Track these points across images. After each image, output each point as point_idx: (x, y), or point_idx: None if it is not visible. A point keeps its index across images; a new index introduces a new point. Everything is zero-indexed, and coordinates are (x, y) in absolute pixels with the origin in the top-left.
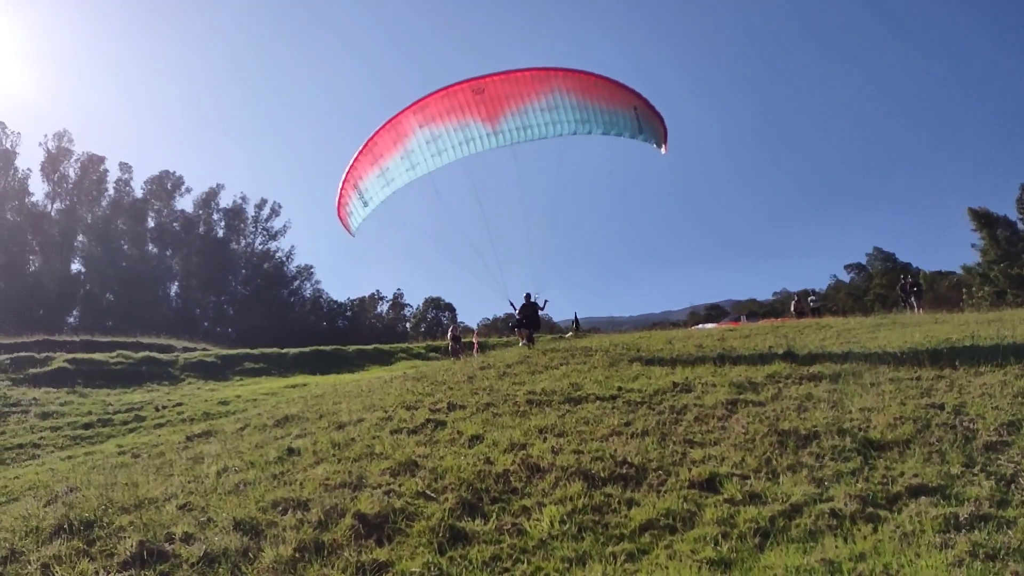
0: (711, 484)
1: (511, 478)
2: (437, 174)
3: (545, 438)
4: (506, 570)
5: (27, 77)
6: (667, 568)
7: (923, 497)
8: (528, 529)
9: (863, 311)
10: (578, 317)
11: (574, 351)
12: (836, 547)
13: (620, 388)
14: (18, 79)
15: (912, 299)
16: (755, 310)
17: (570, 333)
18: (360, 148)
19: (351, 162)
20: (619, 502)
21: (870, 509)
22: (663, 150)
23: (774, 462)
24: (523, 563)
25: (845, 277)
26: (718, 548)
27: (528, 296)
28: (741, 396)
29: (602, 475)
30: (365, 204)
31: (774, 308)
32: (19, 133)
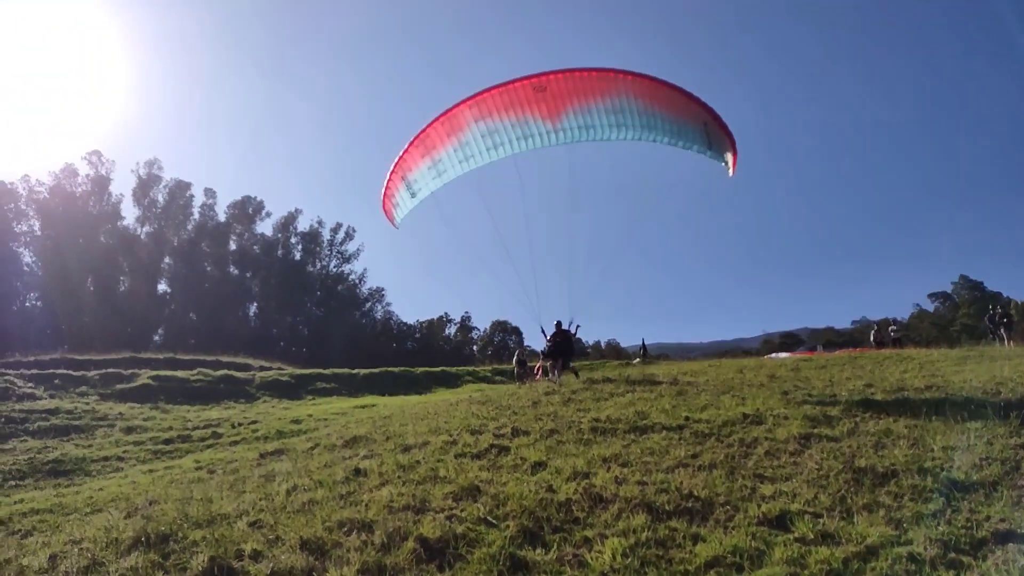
0: (781, 522)
1: (573, 507)
2: (488, 183)
3: (609, 467)
4: None
5: (121, 106)
6: None
7: (1011, 544)
8: (590, 561)
9: (948, 343)
10: (646, 343)
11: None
12: None
13: (688, 418)
14: (113, 109)
15: (1001, 330)
16: (832, 339)
17: (638, 359)
18: (411, 140)
19: (400, 154)
20: (684, 537)
21: (952, 555)
22: (731, 172)
23: (849, 501)
24: None
25: (929, 306)
26: None
27: (559, 324)
28: (815, 430)
29: (667, 508)
30: (413, 195)
31: (852, 337)
32: (113, 160)
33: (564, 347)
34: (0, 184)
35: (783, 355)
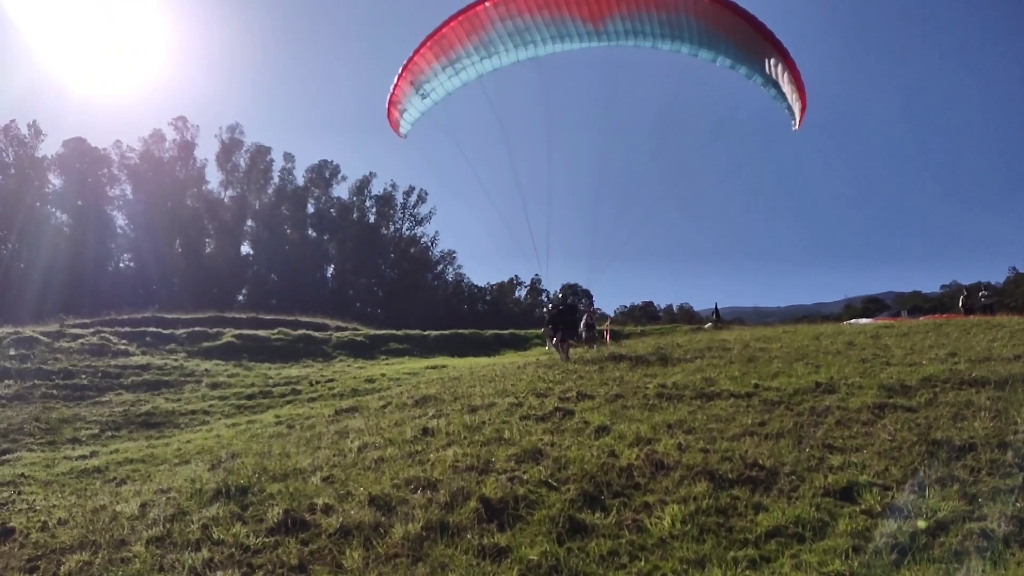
0: (848, 493)
1: (634, 473)
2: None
3: (673, 434)
4: (623, 566)
5: (205, 74)
6: None
7: None
8: (648, 526)
9: None
10: (719, 308)
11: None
12: (983, 571)
13: (757, 385)
14: (197, 76)
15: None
16: (919, 305)
17: (709, 324)
18: (423, 41)
19: (410, 55)
20: (746, 506)
21: None
22: (796, 124)
23: (921, 473)
24: (641, 560)
25: None
26: (849, 562)
27: (565, 297)
28: (891, 400)
29: (729, 476)
30: (424, 96)
31: (941, 303)
32: (198, 126)
33: (568, 320)
34: (94, 150)
35: (864, 321)
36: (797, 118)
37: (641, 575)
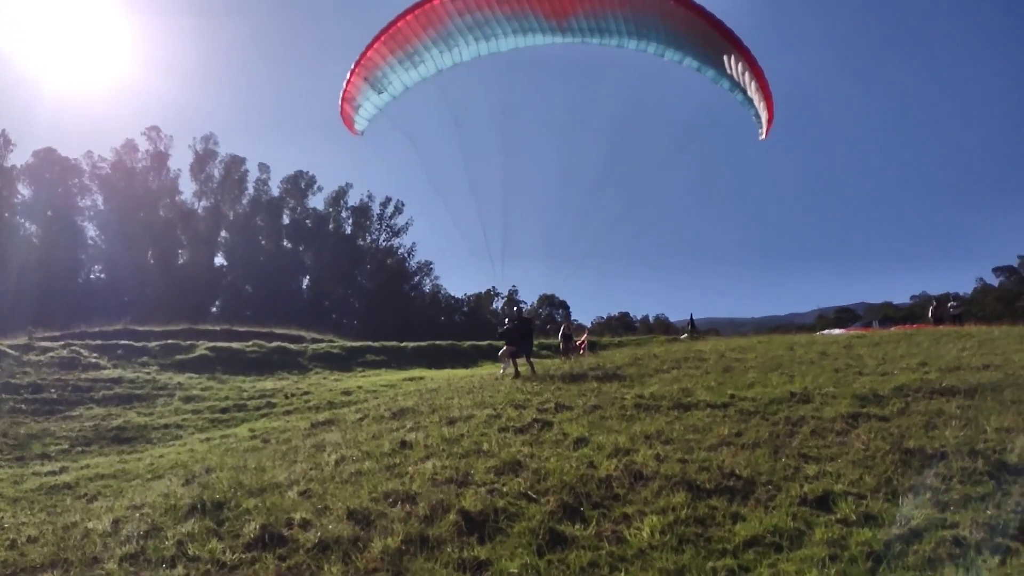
0: (824, 502)
1: (614, 484)
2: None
3: (651, 444)
4: None
5: (177, 83)
6: None
7: None
8: (628, 537)
9: (1012, 319)
10: (694, 318)
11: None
12: None
13: (733, 396)
14: (170, 86)
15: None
16: (890, 315)
17: (685, 335)
18: (376, 35)
19: (363, 50)
20: (724, 515)
21: (999, 539)
22: (763, 134)
23: (895, 482)
24: (620, 572)
25: (993, 281)
26: (825, 571)
27: (520, 311)
28: (864, 410)
29: (707, 486)
30: (380, 92)
31: (912, 313)
32: (171, 136)
33: (523, 334)
34: (64, 160)
35: (836, 331)
36: (764, 127)
37: None
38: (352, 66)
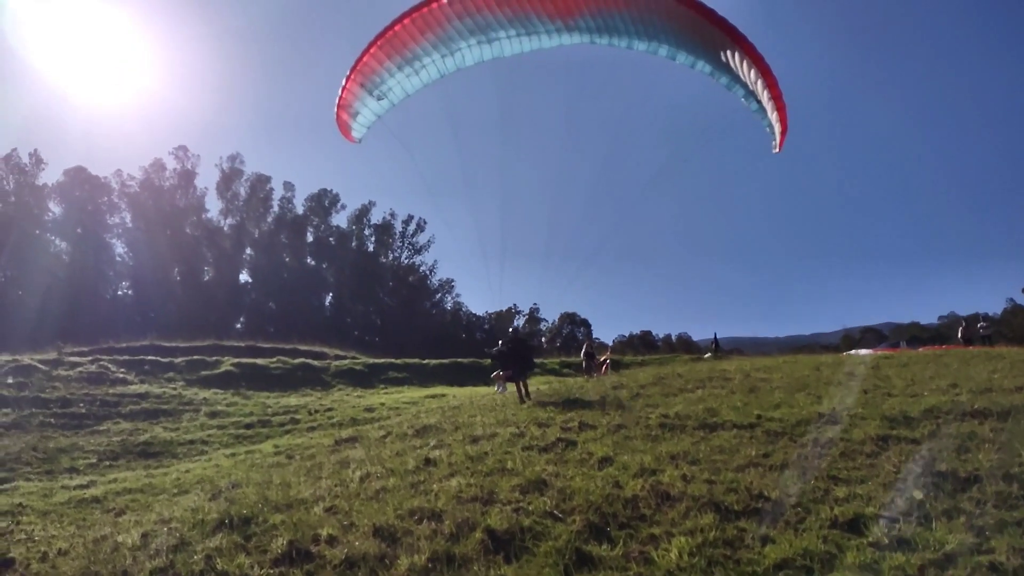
0: (855, 525)
1: (640, 504)
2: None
3: (677, 465)
4: None
5: (204, 103)
6: None
7: None
8: (656, 559)
9: None
10: (718, 337)
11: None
12: None
13: (760, 416)
14: (197, 106)
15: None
16: (917, 335)
17: (709, 354)
18: (372, 40)
19: (359, 56)
20: (753, 537)
21: None
22: (777, 147)
23: (927, 506)
24: None
25: None
26: None
27: (516, 329)
28: (893, 432)
29: (736, 508)
30: (379, 98)
31: (939, 334)
32: (198, 155)
33: (521, 355)
34: (94, 179)
35: (863, 352)
36: (778, 139)
37: None
38: (348, 72)
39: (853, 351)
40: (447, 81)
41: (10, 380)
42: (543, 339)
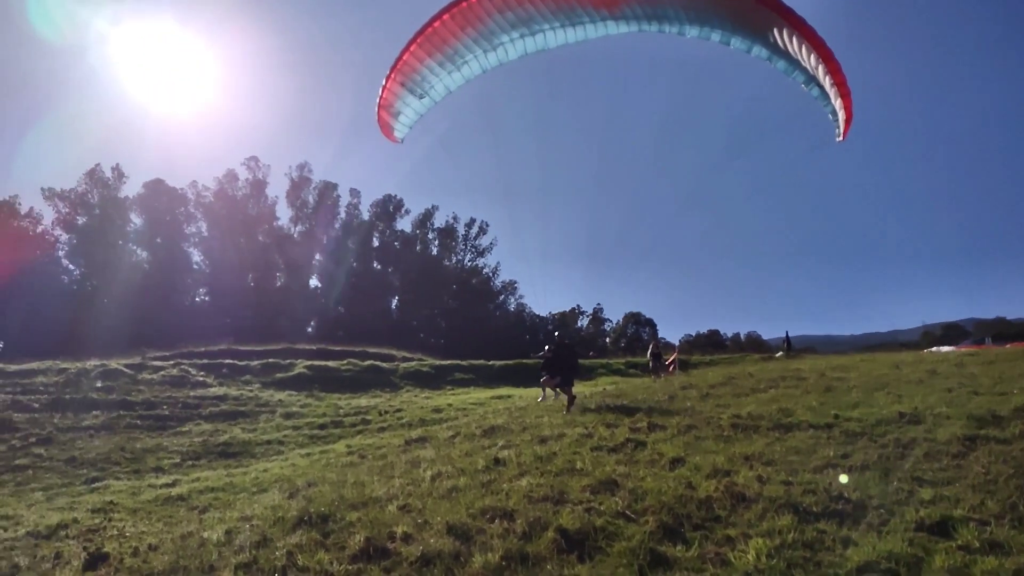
0: (943, 528)
1: (714, 505)
2: None
3: (752, 466)
4: None
5: (274, 115)
6: None
7: None
8: (732, 560)
9: None
10: (790, 336)
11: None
12: None
13: (836, 416)
14: (267, 118)
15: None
16: (1003, 331)
17: (780, 353)
18: (412, 37)
19: (399, 55)
20: (834, 540)
21: None
22: (841, 135)
23: (1021, 508)
24: None
25: None
26: None
27: (562, 337)
28: (981, 432)
29: (814, 509)
30: (421, 96)
31: None
32: (268, 165)
33: (567, 363)
34: (172, 190)
35: (945, 349)
36: (842, 127)
37: None
38: (388, 71)
39: (934, 348)
40: (517, 83)
41: (99, 384)
42: (607, 340)
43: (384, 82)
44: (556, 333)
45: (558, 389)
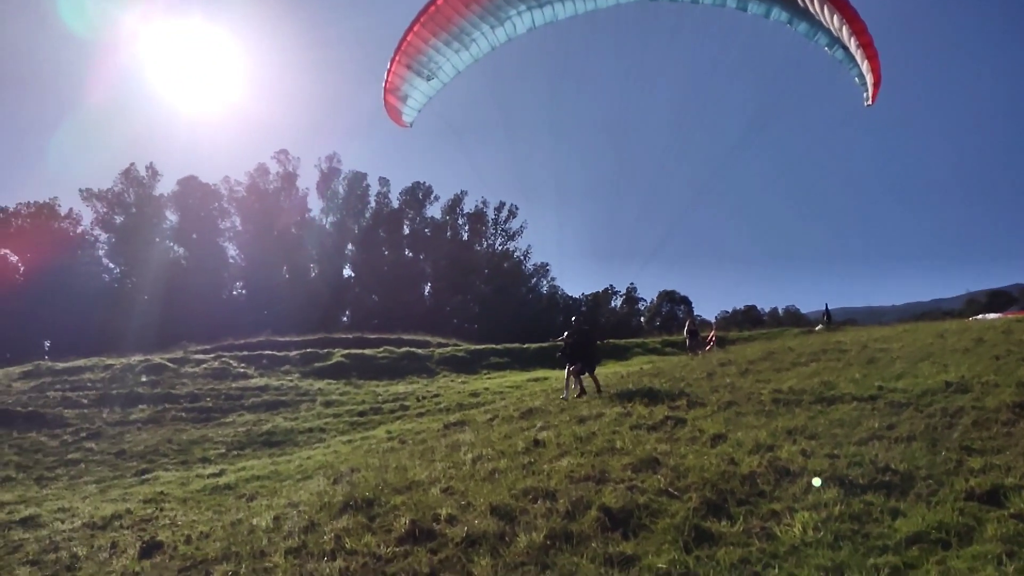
0: (993, 497)
1: (758, 480)
2: None
3: (795, 440)
4: (756, 574)
5: (301, 109)
6: None
7: None
8: (779, 534)
9: None
10: (829, 309)
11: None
12: None
13: (881, 387)
14: (295, 111)
15: None
16: None
17: (820, 326)
18: (415, 18)
19: (403, 36)
20: (881, 511)
21: None
22: (870, 99)
23: None
24: (774, 568)
25: None
26: (1002, 567)
27: (579, 322)
28: None
29: (861, 482)
30: (428, 78)
31: None
32: (298, 157)
33: (585, 350)
34: (205, 186)
35: (992, 316)
36: (870, 91)
37: None
38: (392, 54)
39: (980, 316)
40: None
41: (144, 378)
42: (642, 319)
43: (389, 65)
44: (573, 318)
45: (582, 377)
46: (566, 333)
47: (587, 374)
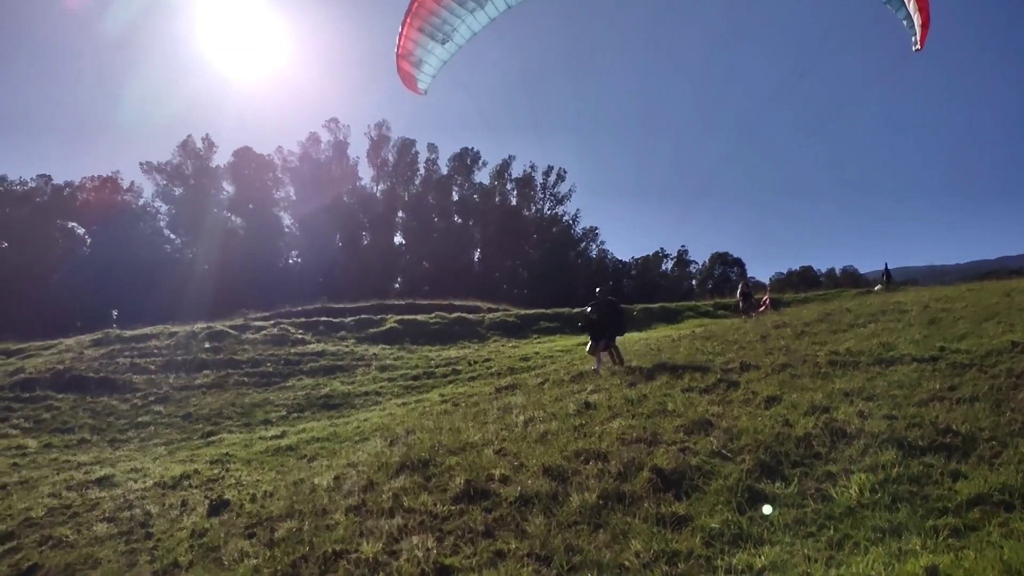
0: None
1: (813, 442)
2: None
3: (851, 402)
4: (811, 535)
5: (349, 76)
6: (1002, 547)
7: None
8: (834, 495)
9: None
10: (889, 268)
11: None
12: None
13: (943, 348)
14: (343, 78)
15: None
16: None
17: (879, 287)
18: None
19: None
20: (941, 473)
21: None
22: (918, 44)
23: None
24: (829, 529)
25: None
26: None
27: (604, 294)
28: None
29: (920, 444)
30: (443, 42)
31: None
32: (348, 126)
33: (611, 321)
34: (260, 157)
35: None
36: (919, 35)
37: (832, 544)
38: (404, 17)
39: None
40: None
41: (207, 345)
42: (694, 282)
43: (401, 29)
44: (598, 289)
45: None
46: (589, 308)
47: (609, 351)
